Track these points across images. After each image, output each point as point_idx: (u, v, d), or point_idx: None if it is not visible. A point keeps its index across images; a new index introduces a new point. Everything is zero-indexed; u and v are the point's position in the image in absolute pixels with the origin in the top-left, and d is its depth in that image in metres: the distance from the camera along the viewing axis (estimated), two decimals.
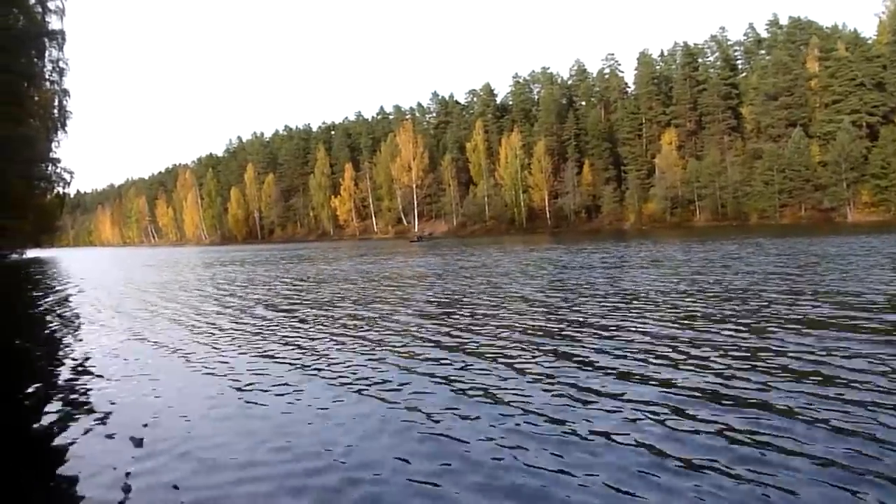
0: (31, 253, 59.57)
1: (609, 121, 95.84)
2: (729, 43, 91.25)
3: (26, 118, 37.18)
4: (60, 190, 48.96)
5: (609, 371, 5.92)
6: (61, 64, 39.69)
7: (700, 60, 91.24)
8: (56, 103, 41.89)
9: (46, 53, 37.85)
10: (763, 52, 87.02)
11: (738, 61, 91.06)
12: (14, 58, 30.97)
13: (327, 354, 7.32)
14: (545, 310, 10.17)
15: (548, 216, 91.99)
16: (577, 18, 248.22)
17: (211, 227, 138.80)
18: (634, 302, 10.50)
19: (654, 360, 6.22)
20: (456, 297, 12.32)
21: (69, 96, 42.47)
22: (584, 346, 7.11)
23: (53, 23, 37.93)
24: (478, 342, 7.49)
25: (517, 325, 8.74)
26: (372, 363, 6.70)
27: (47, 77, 39.27)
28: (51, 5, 37.64)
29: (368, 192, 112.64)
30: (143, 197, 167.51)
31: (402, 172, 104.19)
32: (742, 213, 74.65)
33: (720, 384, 5.40)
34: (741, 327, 8.00)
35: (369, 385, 5.85)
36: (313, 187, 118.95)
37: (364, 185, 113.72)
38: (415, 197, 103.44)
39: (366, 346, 7.67)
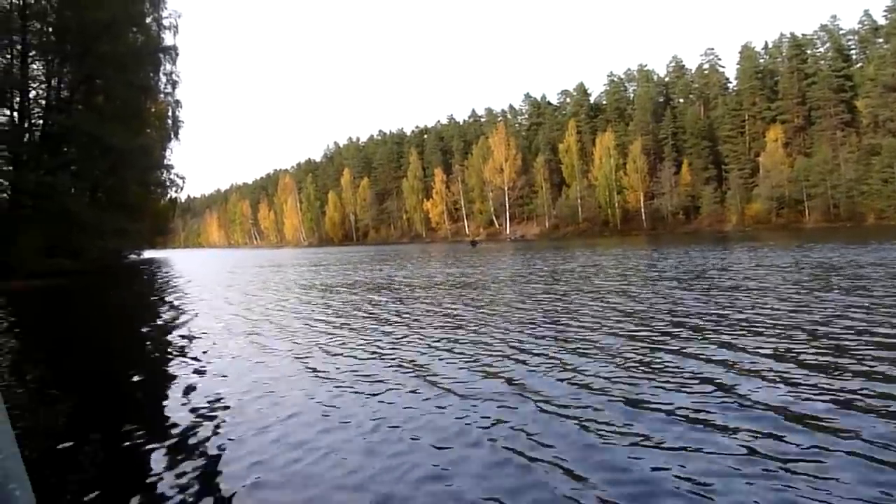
0: (146, 253, 63.50)
1: (708, 118, 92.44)
2: (841, 32, 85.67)
3: (144, 129, 40.20)
4: (173, 194, 52.56)
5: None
6: (174, 76, 42.88)
7: (809, 52, 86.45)
8: (170, 114, 44.99)
9: (161, 67, 40.89)
10: (881, 40, 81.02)
11: (852, 51, 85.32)
12: (134, 73, 33.53)
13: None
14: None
15: (643, 218, 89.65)
16: (675, 13, 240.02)
17: (309, 229, 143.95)
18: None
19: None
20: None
21: (181, 106, 45.65)
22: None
23: (167, 38, 41.08)
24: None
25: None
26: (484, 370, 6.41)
27: (162, 89, 42.25)
28: (165, 23, 40.95)
29: (460, 195, 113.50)
30: (247, 201, 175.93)
31: (493, 174, 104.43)
32: (857, 214, 69.99)
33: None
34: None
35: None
36: (406, 190, 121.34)
37: (456, 187, 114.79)
38: (506, 199, 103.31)
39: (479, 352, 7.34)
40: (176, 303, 15.87)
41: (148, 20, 38.75)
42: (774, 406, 4.71)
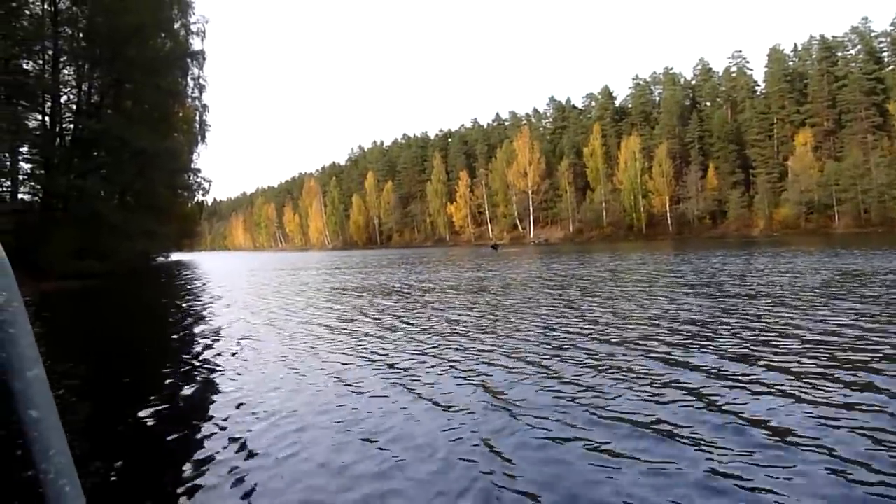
0: (174, 256, 63.88)
1: (736, 122, 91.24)
2: (873, 34, 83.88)
3: (172, 132, 40.71)
4: (200, 197, 52.65)
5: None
6: (201, 81, 43.51)
7: (839, 54, 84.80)
8: (197, 117, 45.49)
9: (189, 72, 41.50)
10: None
11: (884, 53, 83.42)
12: (162, 78, 34.07)
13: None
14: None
15: (669, 222, 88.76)
16: (702, 15, 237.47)
17: (334, 232, 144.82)
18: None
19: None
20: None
21: (208, 110, 46.19)
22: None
23: (195, 44, 41.69)
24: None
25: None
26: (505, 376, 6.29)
27: (189, 94, 42.87)
28: (193, 28, 41.59)
29: (484, 199, 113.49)
30: (272, 204, 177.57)
31: (517, 178, 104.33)
32: (888, 219, 68.41)
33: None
34: None
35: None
36: (430, 194, 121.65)
37: (479, 191, 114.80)
38: (530, 202, 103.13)
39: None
40: (199, 305, 16.05)
41: (176, 25, 39.37)
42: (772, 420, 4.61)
